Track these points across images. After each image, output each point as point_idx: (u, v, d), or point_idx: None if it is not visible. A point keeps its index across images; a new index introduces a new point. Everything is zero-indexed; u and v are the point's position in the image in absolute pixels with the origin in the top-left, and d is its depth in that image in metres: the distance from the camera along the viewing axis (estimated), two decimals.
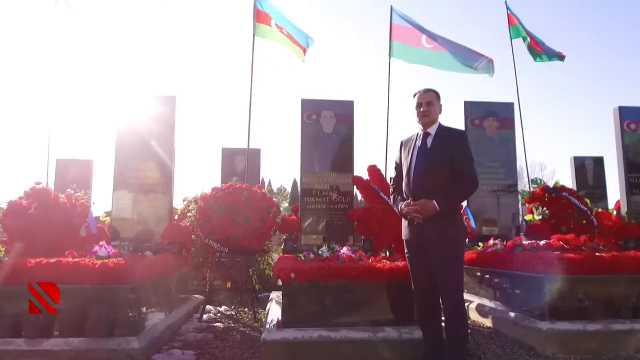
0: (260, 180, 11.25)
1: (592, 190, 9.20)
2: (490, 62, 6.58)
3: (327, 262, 3.97)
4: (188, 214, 5.81)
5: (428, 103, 3.28)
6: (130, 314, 3.60)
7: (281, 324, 3.68)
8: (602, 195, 9.29)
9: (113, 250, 4.24)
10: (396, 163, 3.54)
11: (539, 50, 7.94)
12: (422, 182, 3.19)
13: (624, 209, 6.42)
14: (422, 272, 3.23)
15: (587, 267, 3.93)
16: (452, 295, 3.09)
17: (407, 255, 3.38)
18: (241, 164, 9.24)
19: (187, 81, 69.93)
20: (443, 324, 3.25)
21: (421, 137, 3.31)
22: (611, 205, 10.25)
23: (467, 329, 3.13)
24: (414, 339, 3.51)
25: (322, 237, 5.66)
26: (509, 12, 7.39)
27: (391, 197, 3.50)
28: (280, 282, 3.87)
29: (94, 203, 6.19)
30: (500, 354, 3.79)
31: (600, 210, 6.78)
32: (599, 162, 9.40)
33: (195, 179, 30.66)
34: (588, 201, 6.41)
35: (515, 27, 7.40)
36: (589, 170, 9.27)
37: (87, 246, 5.37)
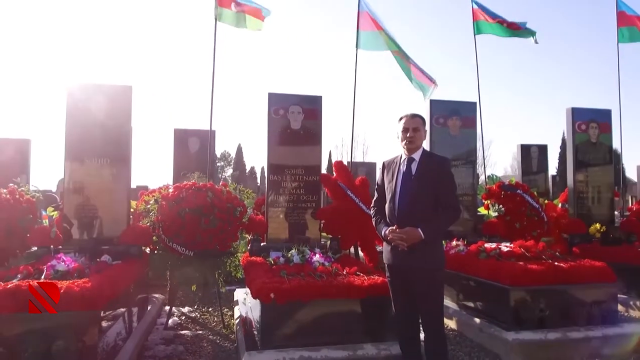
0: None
1: (536, 176, 9.78)
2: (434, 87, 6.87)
3: (304, 276, 3.93)
4: (150, 214, 5.49)
5: (414, 129, 3.26)
6: (99, 341, 3.40)
7: (260, 345, 3.63)
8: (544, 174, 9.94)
9: (73, 264, 3.94)
10: (378, 184, 3.51)
11: (516, 29, 7.58)
12: (408, 209, 3.20)
13: (571, 201, 6.84)
14: (403, 297, 3.29)
15: (549, 278, 4.17)
16: (433, 323, 3.18)
17: (388, 279, 3.41)
18: (195, 146, 8.84)
19: (139, 60, 65.36)
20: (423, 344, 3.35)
21: (405, 162, 3.30)
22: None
23: (447, 355, 3.24)
24: (391, 355, 3.60)
25: (287, 235, 5.60)
26: (474, 7, 7.37)
27: (373, 219, 3.49)
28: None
29: (39, 194, 5.73)
30: None
31: (547, 202, 7.22)
32: (543, 149, 9.91)
33: (148, 159, 29.52)
34: (535, 192, 6.78)
35: (479, 23, 7.36)
36: (533, 157, 9.76)
37: (37, 251, 5.02)
